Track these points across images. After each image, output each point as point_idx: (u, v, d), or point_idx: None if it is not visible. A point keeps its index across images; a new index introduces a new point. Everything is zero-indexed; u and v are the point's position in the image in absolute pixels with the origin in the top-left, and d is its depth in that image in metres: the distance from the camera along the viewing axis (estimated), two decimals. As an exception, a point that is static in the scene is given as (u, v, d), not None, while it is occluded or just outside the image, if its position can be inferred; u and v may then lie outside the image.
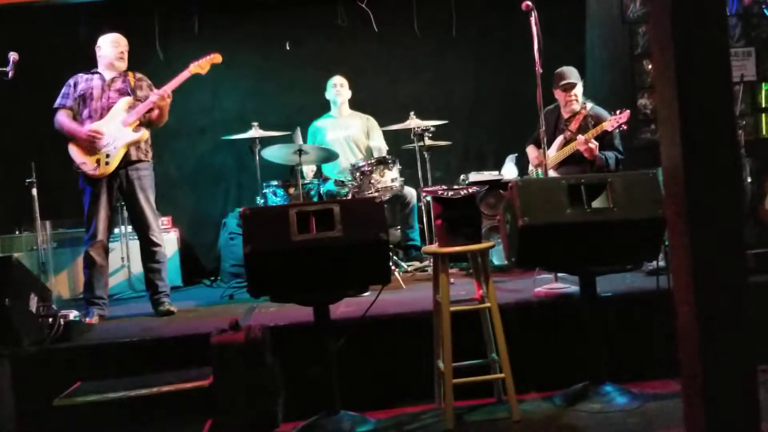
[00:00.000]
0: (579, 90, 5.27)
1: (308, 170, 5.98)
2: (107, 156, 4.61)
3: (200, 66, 4.89)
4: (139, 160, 4.73)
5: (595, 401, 3.42)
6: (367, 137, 6.29)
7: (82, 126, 4.65)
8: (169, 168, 6.89)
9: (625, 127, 4.85)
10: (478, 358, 3.57)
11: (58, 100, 4.78)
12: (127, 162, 4.68)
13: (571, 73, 5.26)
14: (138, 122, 4.70)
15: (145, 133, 4.72)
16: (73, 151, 4.65)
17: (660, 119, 1.86)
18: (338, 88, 6.27)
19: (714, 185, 1.76)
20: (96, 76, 4.79)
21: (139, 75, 4.91)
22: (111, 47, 4.81)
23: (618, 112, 4.82)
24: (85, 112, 4.69)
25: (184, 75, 4.82)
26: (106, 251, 4.74)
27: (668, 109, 1.79)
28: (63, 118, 4.71)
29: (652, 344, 3.70)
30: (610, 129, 4.81)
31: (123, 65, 4.83)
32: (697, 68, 1.76)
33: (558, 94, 5.30)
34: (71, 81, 4.81)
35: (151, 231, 4.74)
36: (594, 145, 4.86)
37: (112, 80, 4.77)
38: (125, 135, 4.65)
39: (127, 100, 4.73)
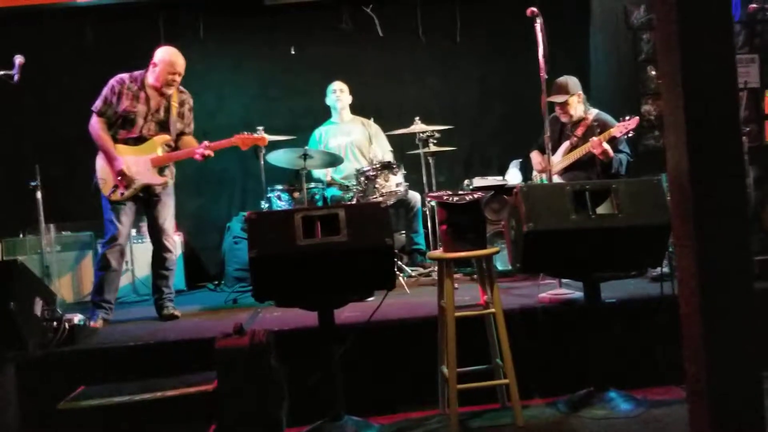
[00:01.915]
0: (573, 101, 5.23)
1: (325, 174, 6.00)
2: (126, 187, 4.59)
3: (243, 141, 4.86)
4: (163, 188, 4.75)
5: (599, 407, 3.42)
6: (369, 143, 6.30)
7: (114, 141, 4.61)
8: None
9: (633, 134, 4.84)
10: (482, 364, 3.57)
11: (99, 104, 4.61)
12: (149, 192, 4.69)
13: (559, 88, 5.20)
14: (166, 164, 4.71)
15: (168, 181, 4.72)
16: (100, 164, 4.64)
17: (665, 125, 1.87)
18: (338, 94, 6.28)
19: (719, 192, 1.77)
20: (143, 96, 4.64)
21: (183, 96, 4.82)
22: (166, 72, 4.64)
23: (627, 117, 4.81)
24: (122, 132, 4.63)
25: (224, 142, 4.82)
26: (123, 256, 4.75)
27: (674, 116, 1.80)
28: (100, 131, 4.59)
29: (656, 350, 3.70)
30: (618, 135, 4.79)
31: (171, 91, 4.70)
32: (702, 75, 1.77)
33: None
34: (116, 87, 4.63)
35: (166, 236, 4.76)
36: (608, 146, 4.86)
37: (157, 110, 4.67)
38: (150, 175, 4.63)
39: (164, 138, 4.68)
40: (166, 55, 4.69)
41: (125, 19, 6.66)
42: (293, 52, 7.00)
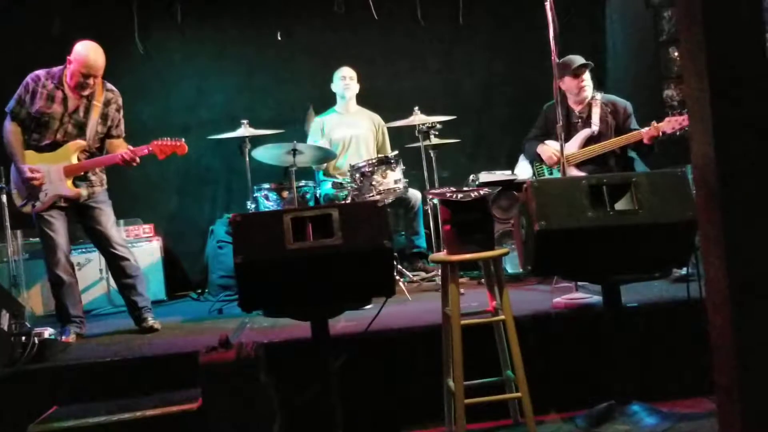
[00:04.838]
0: (589, 77, 5.33)
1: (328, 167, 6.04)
2: (36, 199, 4.53)
3: (161, 149, 4.68)
4: (90, 196, 4.67)
5: (621, 422, 3.41)
6: (375, 139, 6.30)
7: (26, 146, 4.56)
8: (150, 171, 6.89)
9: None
10: (492, 376, 3.57)
11: (12, 105, 4.58)
12: (72, 202, 4.62)
13: (580, 58, 5.32)
14: (80, 174, 4.62)
15: (80, 193, 4.59)
16: (13, 174, 4.63)
17: (689, 112, 1.87)
18: (347, 81, 6.24)
19: (749, 183, 1.76)
20: (59, 95, 4.55)
21: (109, 95, 4.69)
22: (79, 73, 4.50)
23: (677, 113, 4.95)
24: (35, 136, 4.57)
25: (142, 149, 4.64)
26: (72, 266, 4.72)
27: (698, 101, 1.79)
28: (11, 136, 4.55)
29: (682, 359, 3.70)
30: (669, 131, 4.94)
31: (85, 93, 4.57)
32: (729, 57, 1.76)
33: (568, 82, 5.31)
34: (30, 85, 4.56)
35: (113, 244, 4.69)
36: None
37: (75, 110, 4.58)
38: (61, 186, 4.55)
39: (80, 144, 4.58)
40: (83, 52, 4.52)
41: (96, 5, 6.65)
42: (280, 38, 7.00)
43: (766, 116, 1.78)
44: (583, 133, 5.30)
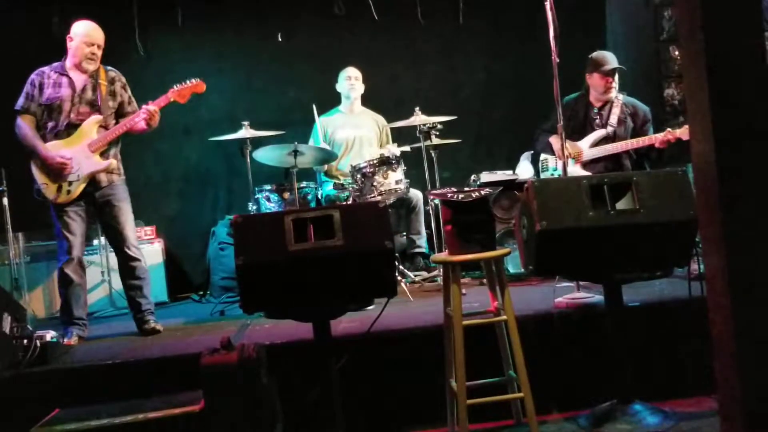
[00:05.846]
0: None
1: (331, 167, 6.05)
2: (69, 184, 4.59)
3: (180, 94, 4.82)
4: (110, 183, 4.71)
5: (623, 422, 3.41)
6: (379, 140, 6.30)
7: (44, 140, 4.60)
8: (152, 173, 6.92)
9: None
10: (494, 377, 3.57)
11: (21, 102, 4.66)
12: (95, 188, 4.66)
13: (614, 59, 5.36)
14: (106, 146, 4.66)
15: (112, 162, 4.67)
16: (35, 169, 4.64)
17: (689, 111, 1.87)
18: (352, 81, 6.25)
19: (749, 182, 1.76)
20: (65, 80, 4.67)
21: (112, 74, 4.81)
22: (83, 44, 4.67)
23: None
24: (51, 125, 4.63)
25: (162, 100, 4.77)
26: (83, 268, 4.74)
27: (698, 100, 1.80)
28: (27, 130, 4.62)
29: (684, 358, 3.70)
30: (685, 138, 4.95)
31: (92, 67, 4.71)
32: (728, 55, 1.76)
33: (596, 79, 5.33)
34: (35, 79, 4.69)
35: (128, 245, 4.73)
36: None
37: (83, 90, 4.66)
38: (91, 162, 4.60)
39: (96, 119, 4.65)
40: (81, 27, 4.72)
41: (96, 6, 6.63)
42: (280, 40, 7.00)
43: (766, 116, 1.79)
44: (597, 133, 5.32)
